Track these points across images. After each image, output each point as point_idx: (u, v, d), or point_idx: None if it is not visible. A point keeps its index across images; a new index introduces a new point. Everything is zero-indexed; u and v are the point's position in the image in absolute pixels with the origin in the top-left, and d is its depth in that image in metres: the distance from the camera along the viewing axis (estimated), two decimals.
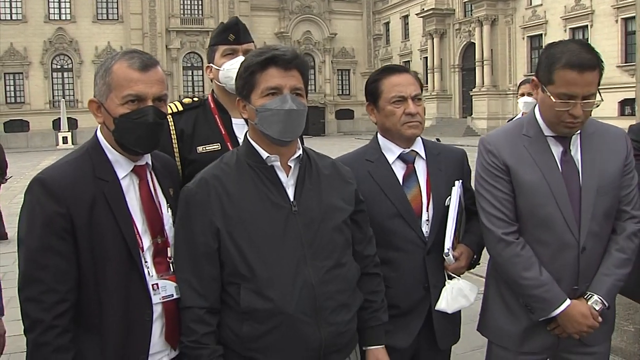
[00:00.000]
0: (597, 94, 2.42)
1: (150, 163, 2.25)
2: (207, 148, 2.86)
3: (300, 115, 2.17)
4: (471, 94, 44.89)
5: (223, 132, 2.92)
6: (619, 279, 2.54)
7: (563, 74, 2.36)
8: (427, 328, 2.69)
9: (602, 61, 2.43)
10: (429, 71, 50.39)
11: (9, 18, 49.73)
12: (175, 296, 2.18)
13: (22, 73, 49.72)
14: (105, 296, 2.05)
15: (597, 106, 2.43)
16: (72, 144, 44.95)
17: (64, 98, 48.81)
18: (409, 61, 54.96)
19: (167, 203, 2.27)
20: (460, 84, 49.02)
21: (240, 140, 2.84)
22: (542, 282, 2.47)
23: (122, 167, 2.16)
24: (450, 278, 2.68)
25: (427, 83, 50.02)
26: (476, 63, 44.70)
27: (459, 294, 2.63)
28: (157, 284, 2.15)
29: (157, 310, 2.15)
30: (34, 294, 1.98)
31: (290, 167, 2.25)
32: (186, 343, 2.14)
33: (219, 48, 2.95)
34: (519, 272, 2.51)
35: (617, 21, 34.89)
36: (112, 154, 2.15)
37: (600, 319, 2.50)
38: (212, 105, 2.98)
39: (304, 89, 2.23)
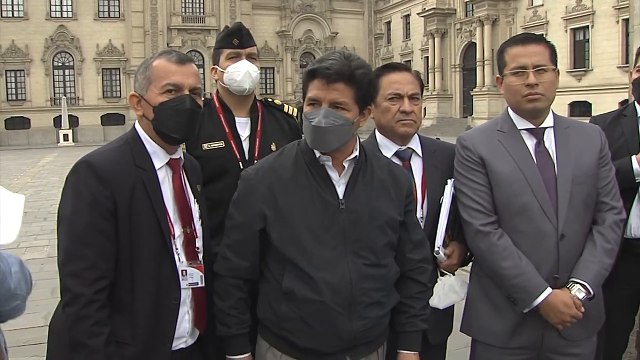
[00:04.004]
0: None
1: (182, 159, 2.42)
2: (211, 145, 3.01)
3: (329, 131, 2.21)
4: (472, 93, 44.84)
5: (227, 130, 3.07)
6: (605, 268, 2.58)
7: (510, 50, 2.65)
8: None
9: (550, 42, 2.69)
10: (429, 71, 50.37)
11: (11, 15, 49.68)
12: (200, 284, 2.34)
13: (23, 70, 49.65)
14: (138, 277, 2.19)
15: (558, 73, 2.66)
16: (73, 141, 45.05)
17: (65, 95, 48.79)
18: (410, 61, 54.90)
19: (195, 198, 2.43)
20: (461, 83, 48.99)
21: (243, 138, 3.07)
22: (521, 271, 2.51)
23: (159, 158, 2.32)
24: (443, 275, 2.72)
25: (428, 83, 50.00)
26: (477, 63, 44.66)
27: (450, 290, 2.68)
28: (185, 270, 2.30)
29: (184, 295, 2.30)
30: (77, 270, 2.09)
31: (344, 167, 2.33)
32: (223, 309, 2.34)
33: (224, 51, 3.12)
34: (497, 262, 2.55)
35: (617, 22, 34.90)
36: (150, 145, 2.31)
37: (583, 308, 2.51)
38: (217, 104, 3.13)
39: (351, 102, 2.24)
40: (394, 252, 2.41)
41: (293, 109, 3.40)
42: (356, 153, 2.34)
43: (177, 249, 2.28)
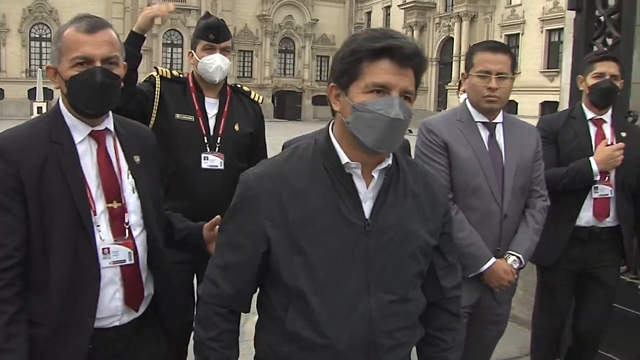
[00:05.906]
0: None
1: (111, 129, 2.24)
2: (183, 116, 3.41)
3: (404, 125, 1.79)
4: (447, 87, 45.44)
5: (196, 108, 3.47)
6: (534, 244, 3.15)
7: (480, 55, 3.02)
8: None
9: (513, 54, 3.09)
10: None
11: None
12: (128, 262, 2.16)
13: None
14: (52, 255, 2.06)
15: (513, 79, 3.05)
16: None
17: (40, 68, 48.11)
18: None
19: (129, 170, 2.25)
20: (437, 77, 49.71)
21: (210, 116, 3.52)
22: (473, 241, 2.98)
23: (79, 132, 2.17)
24: None
25: None
26: (453, 58, 45.38)
27: None
28: (108, 248, 2.13)
29: (107, 274, 2.13)
30: None
31: (374, 177, 1.88)
32: (203, 340, 1.97)
33: (200, 42, 3.46)
34: (454, 233, 3.02)
35: None
36: (69, 118, 2.17)
37: (516, 275, 3.07)
38: (191, 84, 3.52)
39: (414, 93, 1.85)
40: (421, 281, 2.00)
41: (259, 96, 3.81)
42: (389, 161, 1.90)
43: (98, 225, 2.12)
